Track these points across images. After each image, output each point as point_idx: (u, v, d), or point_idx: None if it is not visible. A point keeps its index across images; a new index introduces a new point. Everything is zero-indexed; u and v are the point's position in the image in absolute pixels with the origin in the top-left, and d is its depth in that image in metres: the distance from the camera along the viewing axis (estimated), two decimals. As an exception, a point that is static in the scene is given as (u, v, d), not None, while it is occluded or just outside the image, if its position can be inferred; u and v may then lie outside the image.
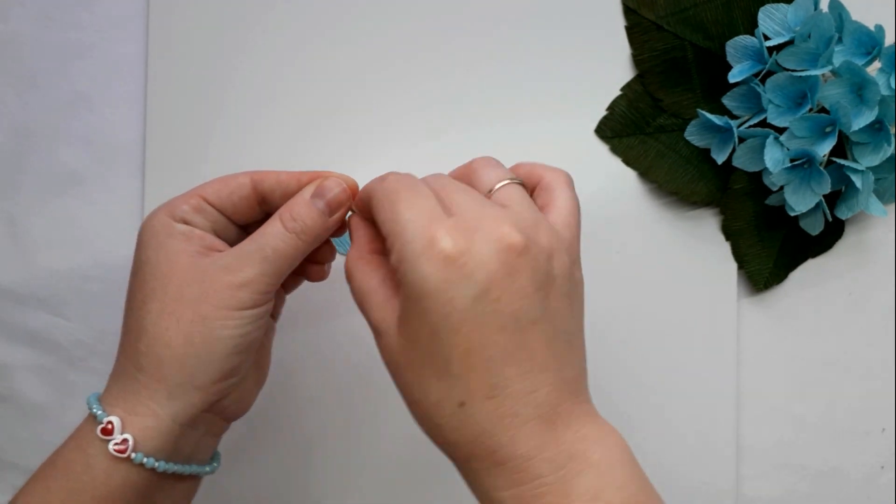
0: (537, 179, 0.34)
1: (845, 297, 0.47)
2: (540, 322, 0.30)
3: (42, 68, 0.46)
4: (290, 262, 0.34)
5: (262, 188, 0.35)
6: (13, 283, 0.46)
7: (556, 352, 0.30)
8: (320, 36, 0.45)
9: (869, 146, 0.42)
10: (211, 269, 0.33)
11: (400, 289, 0.30)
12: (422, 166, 0.45)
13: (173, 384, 0.33)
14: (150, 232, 0.34)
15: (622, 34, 0.45)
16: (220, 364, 0.33)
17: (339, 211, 0.35)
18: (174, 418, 0.33)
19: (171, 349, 0.33)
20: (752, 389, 0.47)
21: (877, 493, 0.47)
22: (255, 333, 0.34)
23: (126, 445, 0.32)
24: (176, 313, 0.33)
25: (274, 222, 0.34)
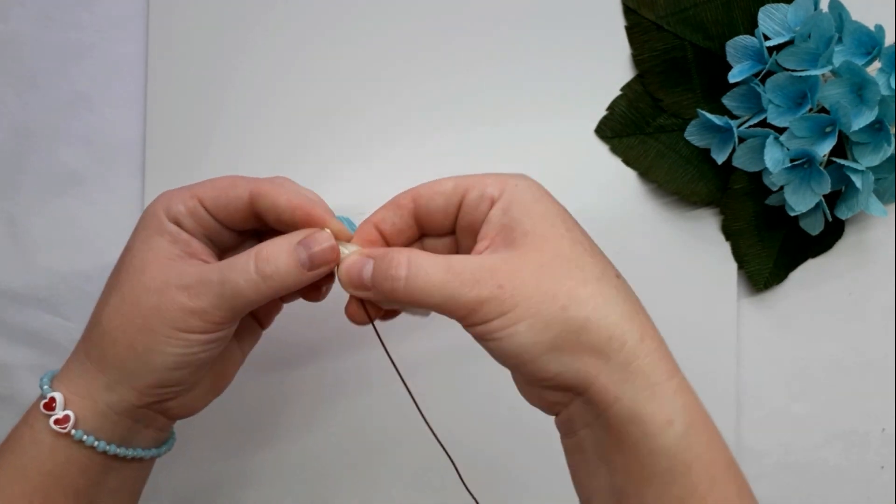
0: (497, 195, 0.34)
1: (845, 297, 0.47)
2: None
3: (42, 68, 0.46)
4: (249, 303, 0.32)
5: (258, 207, 0.34)
6: (13, 283, 0.46)
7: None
8: (320, 36, 0.45)
9: (869, 146, 0.42)
10: (173, 283, 0.32)
11: (508, 211, 0.31)
12: (422, 167, 0.45)
13: (111, 379, 0.33)
14: (143, 222, 0.34)
15: (622, 34, 0.45)
16: (158, 375, 0.33)
17: (321, 269, 0.32)
18: (110, 406, 0.33)
19: (115, 348, 0.33)
20: (753, 389, 0.47)
21: (877, 494, 0.47)
22: (201, 355, 0.33)
23: (67, 421, 0.32)
24: (128, 315, 0.33)
25: (247, 258, 0.32)
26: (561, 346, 0.30)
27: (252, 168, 0.45)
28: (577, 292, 0.30)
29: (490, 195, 0.32)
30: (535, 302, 0.29)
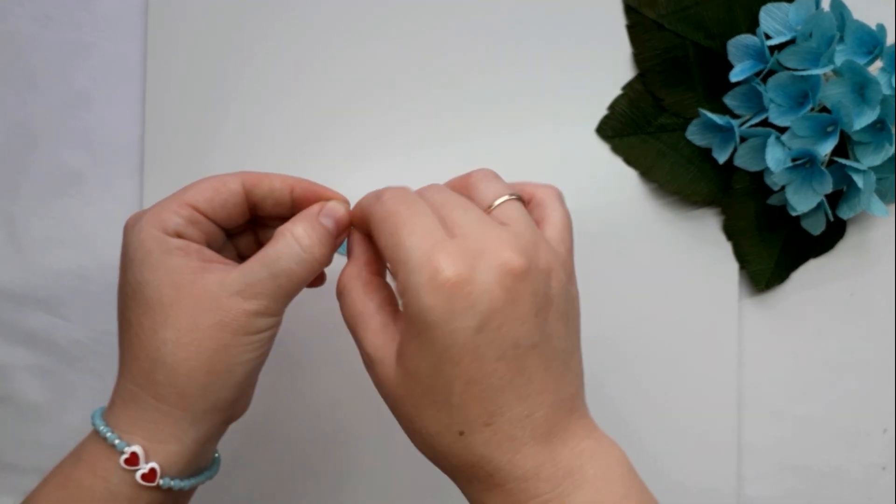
0: (529, 196, 0.34)
1: (847, 298, 0.47)
2: (538, 346, 0.30)
3: (41, 68, 0.46)
4: (302, 285, 0.33)
5: (255, 196, 0.34)
6: (13, 283, 0.46)
7: (553, 373, 0.30)
8: (321, 37, 0.45)
9: (871, 146, 0.42)
10: (223, 294, 0.32)
11: (401, 319, 0.30)
12: (422, 167, 0.45)
13: (198, 411, 0.32)
14: (142, 250, 0.32)
15: (623, 33, 0.45)
16: (239, 387, 0.33)
17: (343, 235, 0.34)
18: (197, 441, 0.33)
19: (194, 379, 0.32)
20: (753, 389, 0.47)
21: (877, 494, 0.47)
22: (268, 349, 0.34)
23: (154, 474, 0.32)
24: (195, 343, 0.32)
25: (289, 244, 0.33)
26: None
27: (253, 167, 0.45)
28: (413, 435, 0.31)
29: (397, 290, 0.31)
30: (393, 411, 0.32)
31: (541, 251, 0.30)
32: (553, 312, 0.30)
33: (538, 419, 0.30)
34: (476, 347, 0.29)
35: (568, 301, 0.31)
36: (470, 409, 0.29)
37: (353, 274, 0.33)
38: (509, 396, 0.29)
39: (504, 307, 0.29)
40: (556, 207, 0.33)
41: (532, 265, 0.29)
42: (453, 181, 0.34)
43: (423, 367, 0.29)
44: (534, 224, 0.31)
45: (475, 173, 0.33)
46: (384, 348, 0.31)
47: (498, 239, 0.29)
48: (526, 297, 0.29)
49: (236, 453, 0.46)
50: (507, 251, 0.29)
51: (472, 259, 0.28)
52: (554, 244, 0.32)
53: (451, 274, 0.28)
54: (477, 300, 0.28)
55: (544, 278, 0.30)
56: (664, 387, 0.46)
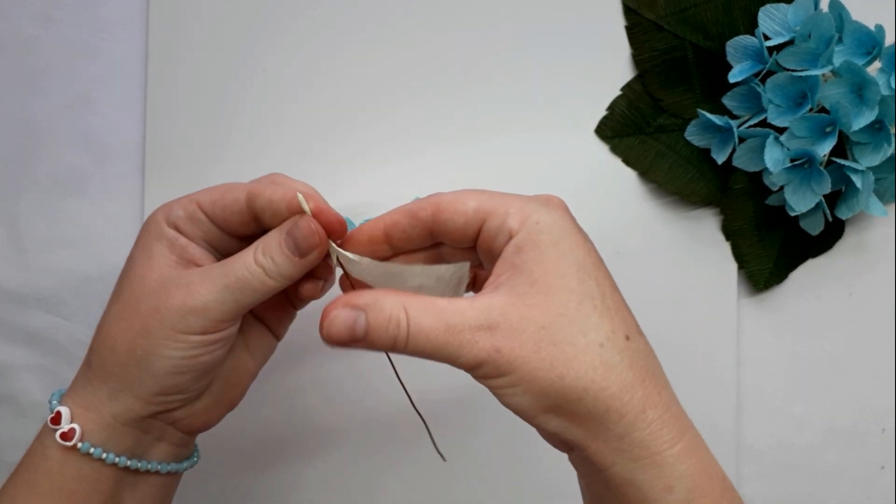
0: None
1: (845, 297, 0.47)
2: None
3: (42, 69, 0.46)
4: (253, 295, 0.32)
5: (255, 207, 0.33)
6: (15, 283, 0.46)
7: None
8: (322, 38, 0.45)
9: (869, 146, 0.42)
10: (173, 284, 0.32)
11: (522, 251, 0.30)
12: (423, 168, 0.45)
13: (114, 388, 0.33)
14: (144, 230, 0.34)
15: (622, 34, 0.45)
16: (160, 381, 0.32)
17: (311, 255, 0.32)
18: (115, 417, 0.33)
19: (115, 354, 0.33)
20: (752, 389, 0.47)
21: (877, 494, 0.47)
22: (203, 358, 0.33)
23: (72, 434, 0.32)
24: (128, 320, 0.32)
25: (247, 252, 0.33)
26: (558, 411, 0.29)
27: (253, 168, 0.45)
28: (576, 361, 0.29)
29: (508, 228, 0.30)
30: (532, 368, 0.29)
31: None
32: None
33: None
34: (600, 258, 0.31)
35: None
36: (623, 314, 0.30)
37: (400, 298, 0.30)
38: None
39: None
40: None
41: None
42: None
43: (571, 273, 0.29)
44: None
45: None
46: (495, 305, 0.29)
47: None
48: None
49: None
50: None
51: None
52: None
53: (559, 201, 0.32)
54: (577, 223, 0.31)
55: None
56: (663, 386, 0.46)
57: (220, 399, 0.36)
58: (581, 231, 0.31)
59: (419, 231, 0.32)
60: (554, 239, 0.30)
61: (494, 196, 0.31)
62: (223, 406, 0.36)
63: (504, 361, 0.29)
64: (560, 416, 0.29)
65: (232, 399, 0.36)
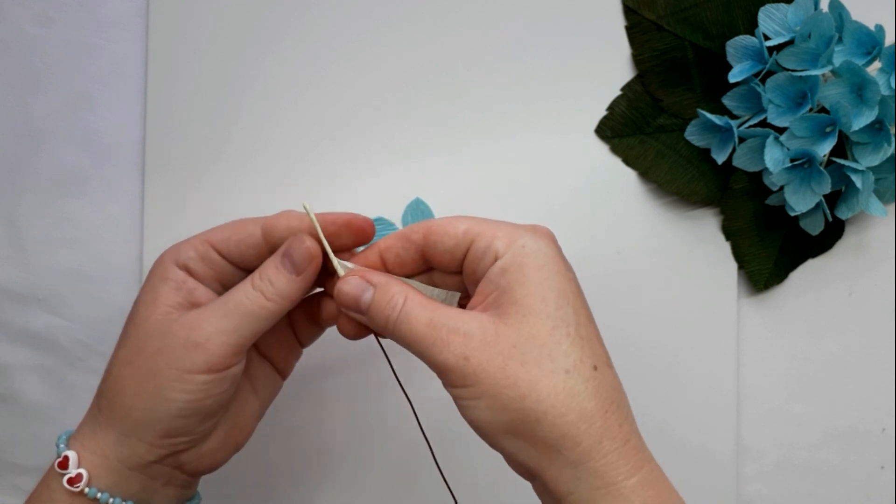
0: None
1: (845, 297, 0.47)
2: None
3: (42, 69, 0.46)
4: (255, 322, 0.33)
5: (273, 238, 0.34)
6: (15, 283, 0.46)
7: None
8: (322, 39, 0.45)
9: (869, 146, 0.42)
10: (176, 323, 0.32)
11: (506, 273, 0.31)
12: (423, 169, 0.45)
13: (121, 432, 0.33)
14: (151, 272, 0.34)
15: (622, 34, 0.45)
16: (165, 424, 0.32)
17: (307, 271, 0.33)
18: (122, 462, 0.33)
19: (122, 398, 0.33)
20: (752, 389, 0.47)
21: (877, 494, 0.47)
22: (208, 401, 0.33)
23: (80, 479, 0.32)
24: (134, 363, 0.33)
25: (246, 280, 0.33)
26: (516, 432, 0.30)
27: (253, 168, 0.45)
28: (540, 384, 0.29)
29: (495, 250, 0.31)
30: (496, 384, 0.29)
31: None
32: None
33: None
34: (580, 289, 0.32)
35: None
36: (594, 344, 0.31)
37: (406, 287, 0.32)
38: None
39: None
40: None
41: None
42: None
43: (551, 299, 0.30)
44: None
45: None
46: (477, 319, 0.31)
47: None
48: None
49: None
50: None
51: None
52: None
53: (546, 230, 0.32)
54: (560, 251, 0.32)
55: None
56: (663, 387, 0.46)
57: (226, 442, 0.36)
58: (564, 260, 0.32)
59: (412, 254, 0.33)
60: (538, 264, 0.31)
61: (483, 221, 0.32)
62: (230, 448, 0.36)
63: (470, 371, 0.30)
64: (518, 437, 0.30)
65: (238, 441, 0.36)
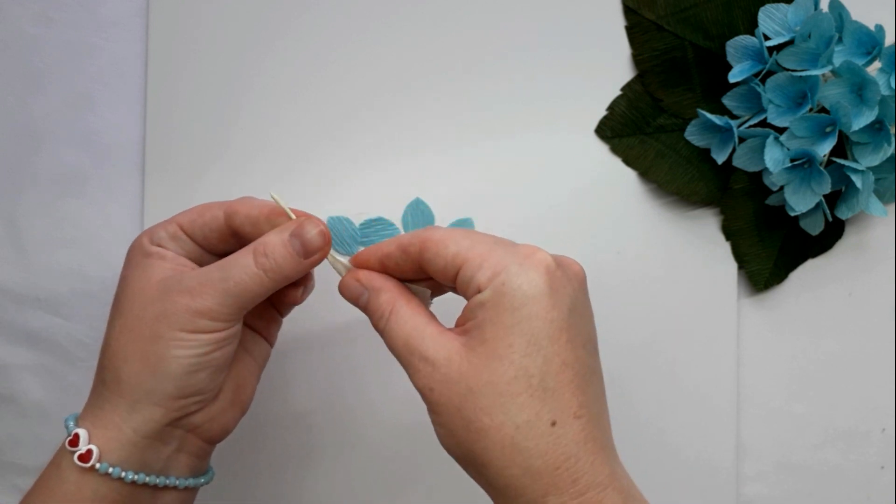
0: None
1: (845, 297, 0.47)
2: (597, 350, 0.32)
3: (42, 69, 0.46)
4: (253, 297, 0.34)
5: (233, 222, 0.35)
6: (13, 283, 0.46)
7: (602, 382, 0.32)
8: (322, 39, 0.45)
9: (869, 146, 0.42)
10: (174, 289, 0.33)
11: (483, 308, 0.30)
12: (423, 170, 0.45)
13: (132, 398, 0.33)
14: (130, 253, 0.36)
15: (622, 34, 0.45)
16: (177, 382, 0.33)
17: (315, 255, 0.34)
18: (136, 430, 0.33)
19: (129, 364, 0.33)
20: (752, 389, 0.47)
21: (877, 494, 0.47)
22: (215, 354, 0.34)
23: (90, 455, 0.32)
24: (135, 330, 0.33)
25: (245, 254, 0.34)
26: (467, 465, 0.31)
27: (253, 168, 0.45)
28: (488, 435, 0.29)
29: (477, 283, 0.30)
30: (451, 421, 0.30)
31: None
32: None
33: (606, 423, 0.31)
34: (569, 327, 0.30)
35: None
36: (563, 396, 0.29)
37: (394, 296, 0.33)
38: (592, 389, 0.30)
39: (582, 299, 0.31)
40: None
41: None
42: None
43: (519, 345, 0.29)
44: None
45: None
46: (448, 347, 0.31)
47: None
48: (588, 303, 0.32)
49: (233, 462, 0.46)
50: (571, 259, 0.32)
51: (551, 254, 0.31)
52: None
53: (545, 256, 0.30)
54: (567, 284, 0.30)
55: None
56: (663, 387, 0.46)
57: (233, 400, 0.36)
58: (553, 295, 0.30)
59: (410, 265, 0.33)
60: (515, 305, 0.30)
61: (477, 244, 0.31)
62: (237, 408, 0.37)
63: (433, 401, 0.30)
64: (471, 470, 0.31)
65: (243, 401, 0.37)
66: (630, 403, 0.46)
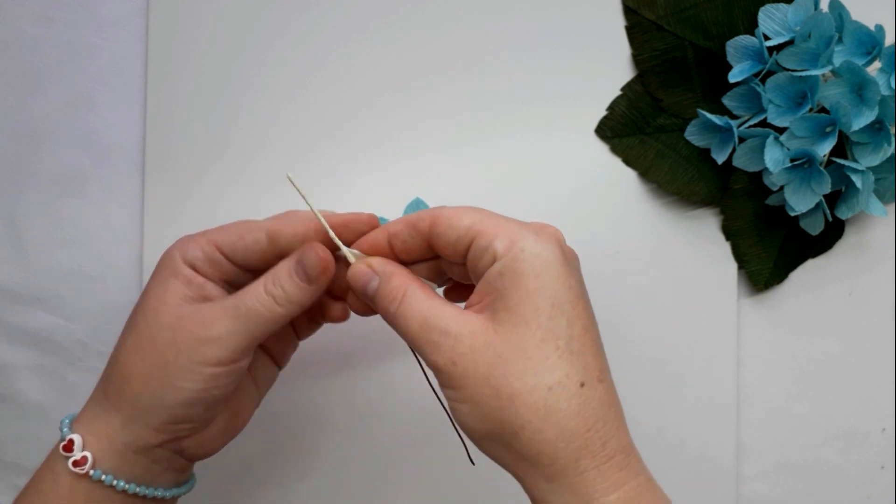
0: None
1: (845, 297, 0.47)
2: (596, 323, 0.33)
3: (42, 69, 0.46)
4: (265, 325, 0.33)
5: (279, 244, 0.34)
6: (13, 283, 0.46)
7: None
8: (322, 39, 0.45)
9: (869, 146, 0.42)
10: (188, 317, 0.33)
11: (503, 277, 0.30)
12: (423, 170, 0.45)
13: (127, 416, 0.33)
14: (161, 264, 0.35)
15: (622, 34, 0.45)
16: (172, 411, 0.33)
17: (320, 280, 0.33)
18: (127, 446, 0.33)
19: (130, 384, 0.33)
20: (752, 389, 0.47)
21: (877, 494, 0.47)
22: (216, 391, 0.33)
23: (85, 462, 0.32)
24: (145, 351, 0.33)
25: (257, 283, 0.34)
26: (495, 439, 0.30)
27: (253, 168, 0.45)
28: (520, 399, 0.29)
29: (494, 251, 0.31)
30: (479, 392, 0.30)
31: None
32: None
33: (615, 393, 0.31)
34: (583, 294, 0.31)
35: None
36: (587, 357, 0.30)
37: (407, 280, 0.33)
38: (605, 357, 0.31)
39: (582, 276, 0.32)
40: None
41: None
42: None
43: (544, 308, 0.30)
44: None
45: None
46: (470, 321, 0.31)
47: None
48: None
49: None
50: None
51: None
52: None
53: (555, 229, 0.31)
54: (574, 258, 0.32)
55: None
56: (663, 386, 0.46)
57: (225, 428, 0.36)
58: (568, 264, 0.31)
59: (418, 242, 0.33)
60: (535, 270, 0.30)
61: (490, 217, 0.32)
62: (228, 435, 0.37)
63: (457, 375, 0.30)
64: (498, 444, 0.30)
65: (236, 428, 0.37)
66: (630, 403, 0.45)
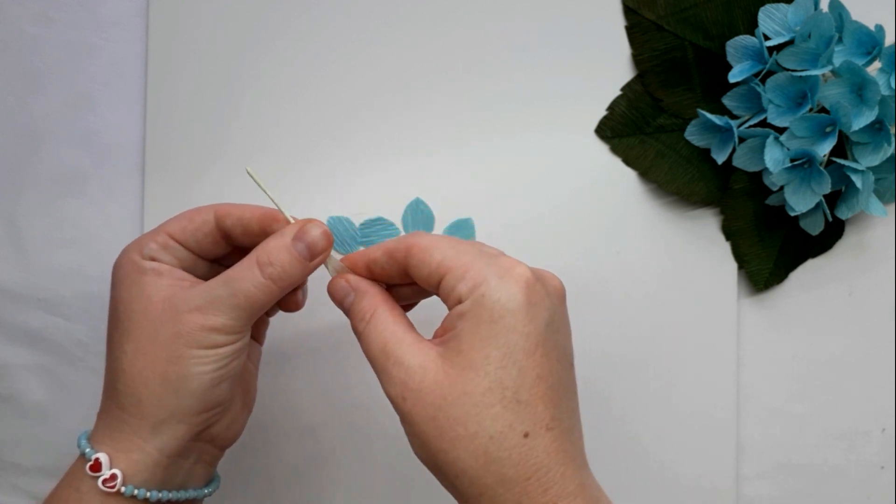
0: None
1: (845, 297, 0.47)
2: (573, 366, 0.32)
3: (42, 69, 0.46)
4: (263, 306, 0.34)
5: (224, 225, 0.35)
6: (15, 283, 0.46)
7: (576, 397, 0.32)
8: (321, 39, 0.45)
9: (869, 146, 0.42)
10: (184, 308, 0.33)
11: (463, 319, 0.30)
12: (423, 170, 0.45)
13: (155, 420, 0.33)
14: (120, 271, 0.35)
15: (622, 34, 0.45)
16: (201, 397, 0.33)
17: (320, 256, 0.34)
18: (160, 450, 0.33)
19: (149, 388, 0.33)
20: (752, 389, 0.47)
21: (877, 494, 0.47)
22: (233, 364, 0.34)
23: (115, 480, 0.32)
24: (151, 353, 0.33)
25: (250, 266, 0.34)
26: (439, 475, 0.31)
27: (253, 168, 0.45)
28: (462, 444, 0.29)
29: (458, 293, 0.31)
30: (424, 430, 0.30)
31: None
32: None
33: (576, 437, 0.31)
34: (545, 341, 0.30)
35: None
36: (536, 408, 0.30)
37: (378, 301, 0.33)
38: (565, 403, 0.31)
39: (561, 314, 0.32)
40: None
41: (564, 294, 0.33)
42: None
43: (495, 357, 0.30)
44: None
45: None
46: (424, 356, 0.31)
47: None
48: (566, 318, 0.32)
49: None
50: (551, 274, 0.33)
51: (531, 268, 0.31)
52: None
53: (524, 271, 0.31)
54: (545, 299, 0.31)
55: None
56: (663, 387, 0.46)
57: (243, 403, 0.37)
58: (530, 310, 0.30)
59: (396, 270, 0.34)
60: (493, 317, 0.30)
61: (460, 254, 0.31)
62: (246, 410, 0.38)
63: (406, 411, 0.31)
64: (443, 479, 0.31)
65: (249, 402, 0.38)
66: (630, 403, 0.46)
